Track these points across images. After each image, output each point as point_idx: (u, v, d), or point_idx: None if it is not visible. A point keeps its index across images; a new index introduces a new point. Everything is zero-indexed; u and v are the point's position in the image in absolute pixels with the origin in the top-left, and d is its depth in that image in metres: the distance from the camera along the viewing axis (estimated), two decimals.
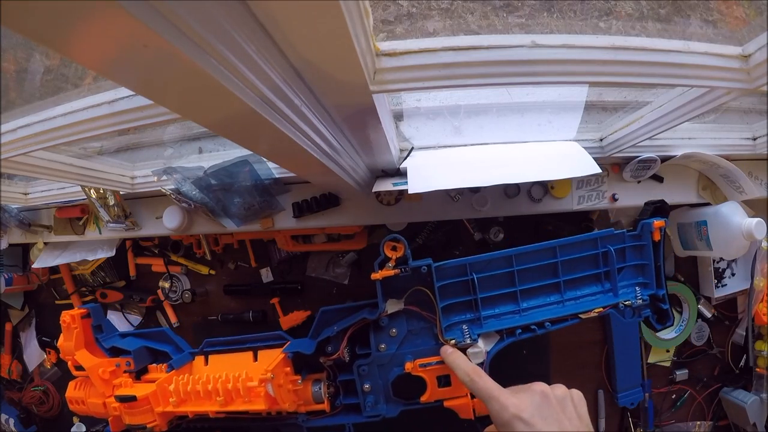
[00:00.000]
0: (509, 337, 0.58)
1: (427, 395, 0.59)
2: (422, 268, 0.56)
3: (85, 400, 0.68)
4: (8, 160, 0.56)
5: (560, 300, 0.59)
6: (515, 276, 0.59)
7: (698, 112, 0.54)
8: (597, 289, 0.61)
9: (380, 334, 0.60)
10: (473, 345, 0.57)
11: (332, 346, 0.61)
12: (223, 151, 0.82)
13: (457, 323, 0.59)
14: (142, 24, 0.19)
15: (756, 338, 0.94)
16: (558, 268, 0.59)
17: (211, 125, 0.35)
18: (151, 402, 0.63)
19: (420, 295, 0.59)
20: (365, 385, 0.60)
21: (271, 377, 0.57)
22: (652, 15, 0.78)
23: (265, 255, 0.97)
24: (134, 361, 0.69)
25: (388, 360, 0.60)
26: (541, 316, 0.58)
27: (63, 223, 0.94)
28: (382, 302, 0.58)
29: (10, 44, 0.71)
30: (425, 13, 0.79)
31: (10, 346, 1.14)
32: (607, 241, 0.60)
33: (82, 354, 0.68)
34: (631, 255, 0.61)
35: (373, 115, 0.42)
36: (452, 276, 0.59)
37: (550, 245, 0.59)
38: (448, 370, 0.57)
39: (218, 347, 0.68)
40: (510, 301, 0.60)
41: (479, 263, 0.59)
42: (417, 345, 0.60)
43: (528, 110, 0.71)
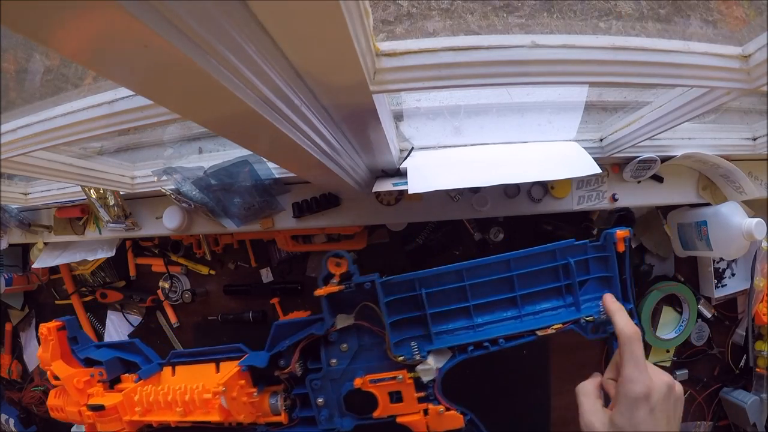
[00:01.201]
0: (461, 354, 0.57)
1: (379, 411, 0.59)
2: (366, 284, 0.56)
3: (63, 408, 0.72)
4: (8, 160, 0.56)
5: (518, 315, 0.57)
6: (467, 291, 0.57)
7: (698, 112, 0.54)
8: (558, 303, 0.58)
9: (331, 349, 0.61)
10: (423, 362, 0.57)
11: (285, 360, 0.62)
12: (223, 151, 0.82)
13: (408, 339, 0.58)
14: (142, 24, 0.19)
15: (756, 338, 0.94)
16: (514, 282, 0.57)
17: (211, 125, 0.35)
18: (119, 411, 0.67)
19: (371, 310, 0.59)
20: (319, 399, 0.61)
21: (223, 390, 0.59)
22: (652, 15, 0.78)
23: (265, 255, 0.97)
24: (106, 371, 0.72)
25: (339, 375, 0.60)
26: (496, 332, 0.56)
27: (63, 223, 0.94)
28: (328, 318, 0.58)
29: (10, 44, 0.71)
30: (425, 14, 0.79)
31: (10, 346, 1.14)
32: (568, 253, 0.57)
33: (58, 365, 0.72)
34: (595, 267, 0.58)
35: (373, 115, 0.42)
36: (400, 291, 0.58)
37: (503, 258, 0.57)
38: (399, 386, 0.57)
39: (184, 359, 0.71)
40: (463, 317, 0.58)
41: (429, 278, 0.57)
42: (369, 360, 0.60)
43: (528, 110, 0.71)
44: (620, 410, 0.42)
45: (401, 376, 0.58)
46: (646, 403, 0.41)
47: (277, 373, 0.62)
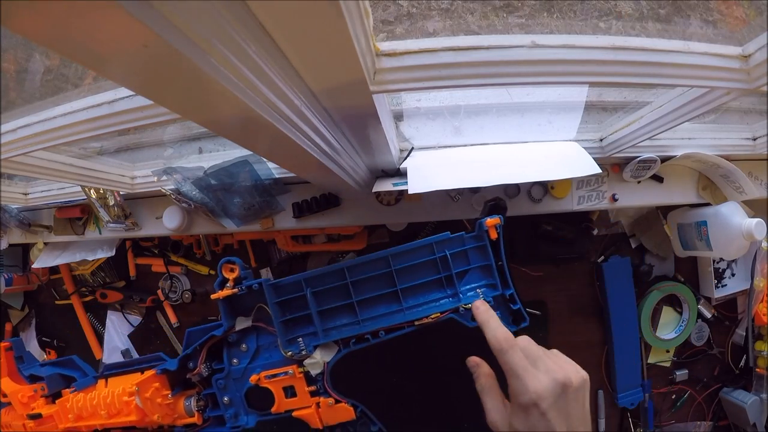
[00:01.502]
0: (345, 347, 0.61)
1: (276, 406, 0.63)
2: (254, 285, 0.60)
3: (10, 424, 0.78)
4: (8, 160, 0.56)
5: (401, 308, 0.59)
6: (350, 288, 0.59)
7: (698, 112, 0.54)
8: (440, 295, 0.60)
9: (232, 349, 0.66)
10: (309, 356, 0.61)
11: (193, 362, 0.67)
12: (223, 151, 0.82)
13: (298, 336, 0.61)
14: (141, 24, 0.19)
15: (756, 338, 0.94)
16: (394, 277, 0.59)
17: (212, 126, 0.35)
18: (55, 419, 0.73)
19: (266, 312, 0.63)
20: (225, 397, 0.66)
21: (136, 389, 0.65)
22: (652, 15, 0.78)
23: (265, 255, 0.97)
24: (48, 385, 0.78)
25: (241, 374, 0.65)
26: (380, 325, 0.59)
27: (63, 223, 0.94)
28: (225, 320, 0.63)
29: (10, 44, 0.71)
30: (425, 14, 0.80)
31: None
32: (446, 245, 0.59)
33: (5, 382, 0.79)
34: (475, 257, 0.60)
35: (373, 115, 0.42)
36: (289, 292, 0.61)
37: (381, 255, 0.59)
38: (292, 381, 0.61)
39: (115, 370, 0.75)
40: (349, 313, 0.60)
41: (314, 278, 0.60)
42: (267, 358, 0.64)
43: (528, 110, 0.71)
44: (515, 414, 0.43)
45: (291, 371, 0.62)
46: (536, 409, 0.41)
47: (188, 375, 0.66)
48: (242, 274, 0.62)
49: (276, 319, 0.60)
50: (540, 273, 0.94)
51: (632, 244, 0.95)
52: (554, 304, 0.95)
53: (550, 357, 0.45)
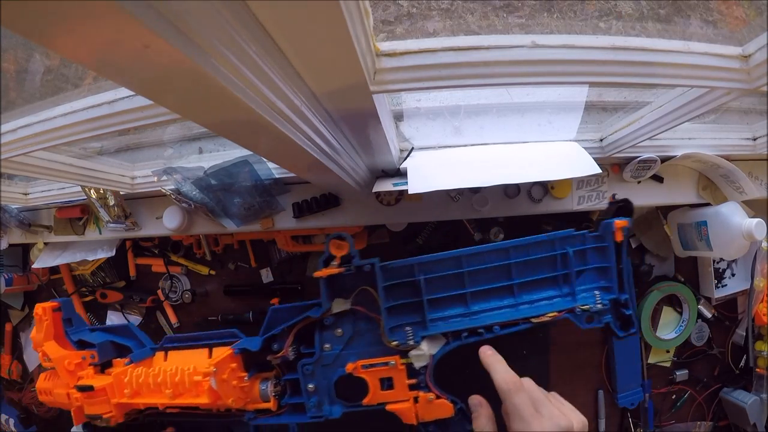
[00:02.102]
0: (455, 340, 0.57)
1: (369, 398, 0.58)
2: (365, 266, 0.55)
3: (51, 391, 0.71)
4: (8, 160, 0.56)
5: (514, 303, 0.57)
6: (465, 278, 0.57)
7: (698, 112, 0.54)
8: (554, 293, 0.58)
9: (326, 333, 0.60)
10: (416, 347, 0.56)
11: (278, 344, 0.61)
12: (223, 151, 0.82)
13: (402, 325, 0.57)
14: (142, 25, 0.19)
15: (756, 338, 0.94)
16: (511, 270, 0.57)
17: (212, 126, 0.35)
18: (107, 393, 0.65)
19: (368, 296, 0.58)
20: (309, 385, 0.59)
21: (214, 371, 0.58)
22: (652, 15, 0.78)
23: (265, 255, 0.97)
24: (98, 353, 0.71)
25: (332, 360, 0.59)
26: (491, 319, 0.56)
27: (63, 224, 0.94)
28: (326, 301, 0.57)
29: (10, 44, 0.72)
30: (425, 14, 0.80)
31: (10, 346, 1.14)
32: (567, 242, 0.57)
33: (50, 345, 0.70)
34: (593, 257, 0.59)
35: (373, 115, 0.42)
36: (399, 276, 0.57)
37: (502, 246, 0.57)
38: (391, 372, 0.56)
39: (177, 344, 0.69)
40: (459, 304, 0.58)
41: (428, 264, 0.57)
42: (362, 346, 0.59)
43: (528, 110, 0.71)
44: None
45: (393, 362, 0.57)
46: None
47: (269, 358, 0.61)
48: (351, 253, 0.56)
49: (383, 305, 0.55)
50: None
51: (632, 244, 0.94)
52: None
53: (553, 402, 0.46)
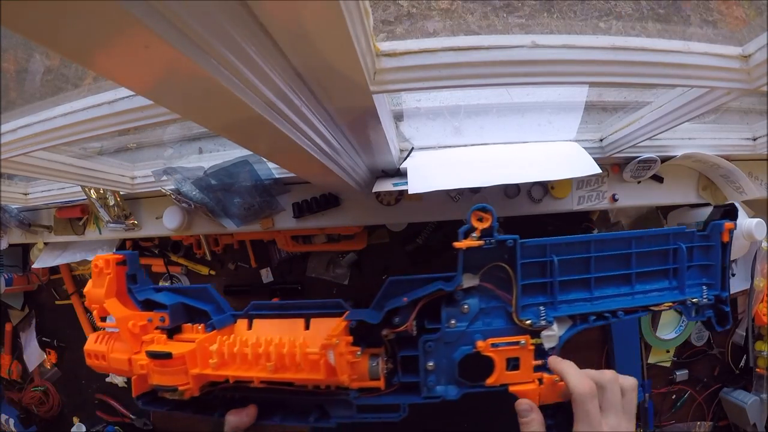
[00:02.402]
0: (582, 323, 0.57)
1: (494, 378, 0.54)
2: (508, 241, 0.53)
3: (106, 355, 0.62)
4: (8, 160, 0.56)
5: (630, 292, 0.58)
6: (591, 262, 0.57)
7: (698, 112, 0.54)
8: (664, 284, 0.60)
9: (452, 309, 0.56)
10: (548, 328, 0.55)
11: (401, 317, 0.56)
12: (223, 151, 0.82)
13: (530, 305, 0.56)
14: (143, 25, 0.19)
15: (756, 338, 0.94)
16: (632, 260, 0.58)
17: (212, 126, 0.35)
18: (187, 362, 0.56)
19: (495, 272, 0.56)
20: (429, 363, 0.55)
21: (336, 342, 0.52)
22: (651, 15, 0.78)
23: (265, 255, 0.97)
24: (169, 317, 0.61)
25: (456, 338, 0.55)
26: (612, 305, 0.57)
27: (63, 224, 0.94)
28: (460, 274, 0.54)
29: (10, 44, 0.72)
30: (425, 14, 0.80)
31: (10, 346, 1.14)
32: (678, 239, 0.59)
33: (113, 303, 0.61)
34: (698, 255, 0.61)
35: (373, 115, 0.42)
36: (532, 256, 0.56)
37: (627, 235, 0.58)
38: (519, 352, 0.54)
39: (265, 311, 0.62)
40: (582, 288, 0.58)
41: (560, 245, 0.57)
42: (488, 324, 0.56)
43: (528, 110, 0.71)
44: None
45: (524, 341, 0.55)
46: None
47: (385, 332, 0.56)
48: (494, 226, 0.53)
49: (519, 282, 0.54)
50: None
51: None
52: None
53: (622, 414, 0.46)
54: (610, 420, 0.44)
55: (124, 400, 1.08)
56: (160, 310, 0.61)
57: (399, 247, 0.93)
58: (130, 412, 1.06)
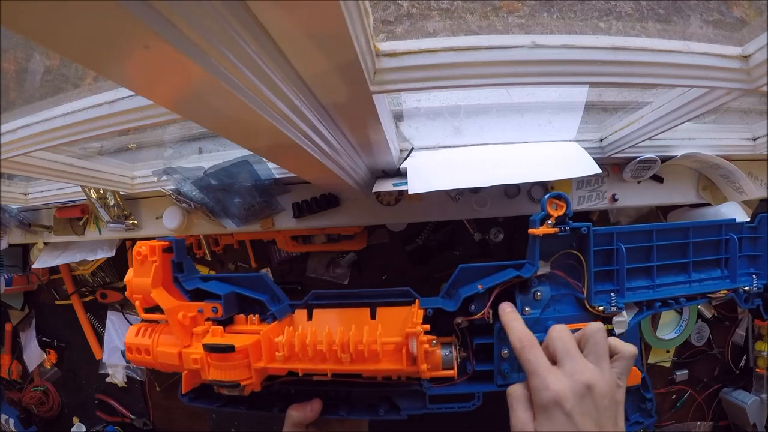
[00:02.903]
0: (648, 309, 0.58)
1: None
2: (582, 229, 0.54)
3: (152, 349, 0.58)
4: (8, 160, 0.56)
5: (687, 280, 0.60)
6: (654, 251, 0.59)
7: (698, 112, 0.54)
8: (717, 273, 0.62)
9: (526, 296, 0.57)
10: (619, 314, 0.56)
11: (476, 305, 0.56)
12: (223, 152, 0.82)
13: (600, 292, 0.57)
14: (140, 22, 0.19)
15: (756, 339, 0.94)
16: (689, 249, 0.60)
17: (212, 126, 0.35)
18: (250, 355, 0.53)
19: (565, 260, 0.57)
20: (504, 350, 0.55)
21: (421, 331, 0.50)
22: (651, 15, 0.78)
23: (265, 255, 0.97)
24: (223, 307, 0.57)
25: (530, 325, 0.55)
26: (673, 292, 0.59)
27: (63, 224, 0.94)
28: (537, 260, 0.55)
29: (10, 44, 0.72)
30: (425, 14, 0.79)
31: (10, 346, 1.14)
32: (730, 230, 0.62)
33: (160, 293, 0.56)
34: (747, 246, 0.63)
35: (373, 115, 0.42)
36: (600, 244, 0.57)
37: (685, 225, 0.60)
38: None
39: (326, 300, 0.59)
40: (645, 276, 0.60)
41: (624, 234, 0.58)
42: (559, 311, 0.57)
43: (528, 111, 0.71)
44: (539, 421, 0.40)
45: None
46: (560, 409, 0.38)
47: (460, 320, 0.55)
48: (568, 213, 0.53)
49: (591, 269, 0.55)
50: None
51: None
52: None
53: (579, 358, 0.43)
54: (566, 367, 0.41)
55: (124, 400, 1.08)
56: (211, 300, 0.57)
57: (399, 247, 0.93)
58: (130, 412, 1.07)
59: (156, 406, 1.07)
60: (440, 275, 0.94)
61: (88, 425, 1.10)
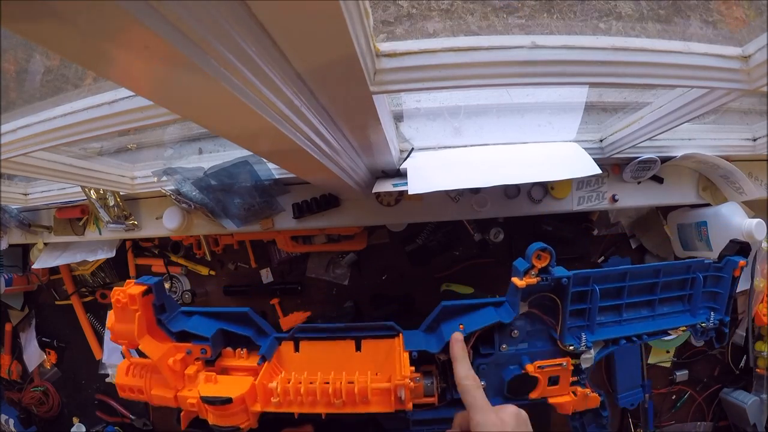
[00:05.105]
0: (613, 345, 0.64)
1: (537, 392, 0.62)
2: (563, 279, 0.58)
3: (145, 390, 0.59)
4: (8, 160, 0.56)
5: (652, 315, 0.66)
6: (625, 290, 0.63)
7: (698, 112, 0.54)
8: (679, 308, 0.68)
9: (503, 335, 0.62)
10: (588, 351, 0.62)
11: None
12: (223, 152, 0.82)
13: (571, 328, 0.62)
14: (141, 24, 0.19)
15: (756, 339, 0.94)
16: (657, 288, 0.65)
17: (212, 127, 0.35)
18: (247, 402, 0.54)
19: (541, 299, 0.61)
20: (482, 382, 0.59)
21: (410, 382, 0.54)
22: (651, 16, 0.78)
23: (265, 256, 0.97)
24: (211, 348, 0.58)
25: (505, 360, 0.62)
26: (636, 328, 0.65)
27: (63, 224, 0.94)
28: (518, 306, 0.60)
29: (10, 44, 0.72)
30: (425, 14, 0.79)
31: (10, 346, 1.14)
32: (697, 269, 0.66)
33: (147, 342, 0.57)
34: (709, 283, 0.68)
35: (373, 116, 0.42)
36: (576, 285, 0.61)
37: (656, 266, 0.65)
38: (560, 371, 0.61)
39: (311, 333, 0.62)
40: (613, 312, 0.66)
41: (598, 276, 0.62)
42: (533, 346, 0.63)
43: (528, 111, 0.71)
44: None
45: (565, 363, 0.61)
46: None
47: (442, 356, 0.60)
48: (551, 265, 0.58)
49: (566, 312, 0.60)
50: None
51: (632, 244, 0.95)
52: None
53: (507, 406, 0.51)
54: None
55: (124, 401, 1.08)
56: (199, 342, 0.59)
57: (399, 248, 0.93)
58: (130, 413, 1.06)
59: (156, 406, 1.07)
60: (440, 276, 0.94)
61: (87, 425, 1.10)
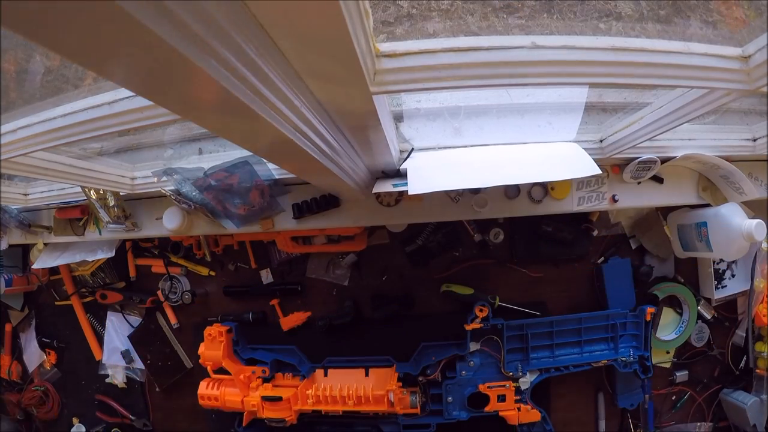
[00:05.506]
0: (545, 373, 0.90)
1: (490, 406, 0.88)
2: (498, 324, 0.88)
3: (219, 398, 0.91)
4: (8, 160, 0.56)
5: (580, 352, 0.90)
6: (554, 333, 0.89)
7: (698, 113, 0.54)
8: (603, 347, 0.91)
9: (463, 364, 0.91)
10: (524, 377, 0.88)
11: (431, 370, 0.90)
12: (223, 152, 0.82)
13: (512, 361, 0.90)
14: (139, 22, 0.19)
15: (756, 339, 0.94)
16: (581, 331, 0.90)
17: (212, 127, 0.35)
18: (291, 402, 0.88)
19: (490, 340, 0.90)
20: (449, 398, 0.90)
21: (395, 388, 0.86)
22: (652, 16, 0.78)
23: (265, 256, 0.97)
24: (270, 369, 0.92)
25: (465, 382, 0.90)
26: (564, 362, 0.89)
27: (63, 224, 0.94)
28: (469, 344, 0.88)
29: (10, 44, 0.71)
30: (425, 14, 0.79)
31: (10, 346, 1.14)
32: (615, 318, 0.89)
33: (228, 362, 0.91)
34: (630, 327, 0.90)
35: (373, 116, 0.42)
36: (513, 330, 0.89)
37: (581, 316, 0.89)
38: (505, 391, 0.88)
39: (336, 363, 0.94)
40: (548, 350, 0.91)
41: (531, 324, 0.89)
42: (485, 373, 0.91)
43: (528, 111, 0.71)
44: None
45: (508, 385, 0.88)
46: None
47: (421, 379, 0.89)
48: (489, 314, 0.86)
49: (505, 347, 0.88)
50: (540, 274, 0.94)
51: (632, 245, 0.95)
52: (554, 305, 0.95)
53: None
54: None
55: (124, 401, 1.08)
56: (261, 365, 0.93)
57: (399, 248, 0.93)
58: (130, 413, 1.06)
59: (156, 406, 1.07)
60: (440, 276, 0.94)
61: (87, 426, 1.10)
